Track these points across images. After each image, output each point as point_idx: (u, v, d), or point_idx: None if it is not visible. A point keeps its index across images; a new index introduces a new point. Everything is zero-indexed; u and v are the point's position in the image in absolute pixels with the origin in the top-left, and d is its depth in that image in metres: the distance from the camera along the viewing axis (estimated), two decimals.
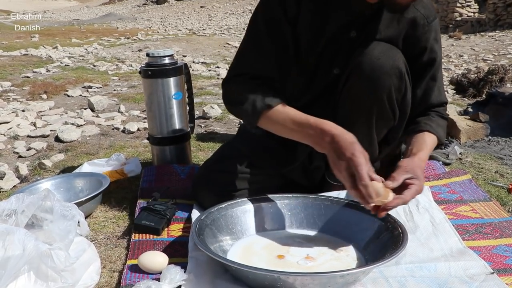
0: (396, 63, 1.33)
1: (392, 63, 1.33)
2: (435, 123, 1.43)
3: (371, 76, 1.33)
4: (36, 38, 11.01)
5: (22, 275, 0.96)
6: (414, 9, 1.37)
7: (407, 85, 1.38)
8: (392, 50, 1.35)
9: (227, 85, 1.43)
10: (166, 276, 1.08)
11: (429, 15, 1.40)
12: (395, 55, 1.34)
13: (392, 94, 1.36)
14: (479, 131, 2.56)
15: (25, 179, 2.03)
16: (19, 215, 1.15)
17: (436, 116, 1.45)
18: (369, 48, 1.35)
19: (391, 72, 1.33)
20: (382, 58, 1.33)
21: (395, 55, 1.34)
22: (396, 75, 1.34)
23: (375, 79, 1.33)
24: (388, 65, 1.32)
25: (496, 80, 3.68)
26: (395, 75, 1.34)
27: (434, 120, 1.43)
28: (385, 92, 1.35)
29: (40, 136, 2.71)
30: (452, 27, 11.86)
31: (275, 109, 1.32)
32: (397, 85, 1.35)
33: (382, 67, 1.32)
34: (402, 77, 1.35)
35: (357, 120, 1.40)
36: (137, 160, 2.05)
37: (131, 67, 6.18)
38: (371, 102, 1.36)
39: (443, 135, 1.44)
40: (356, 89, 1.37)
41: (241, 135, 1.67)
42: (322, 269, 1.17)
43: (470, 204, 1.55)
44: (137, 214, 1.49)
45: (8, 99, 3.89)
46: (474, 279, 1.12)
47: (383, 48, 1.35)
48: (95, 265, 1.17)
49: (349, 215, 1.36)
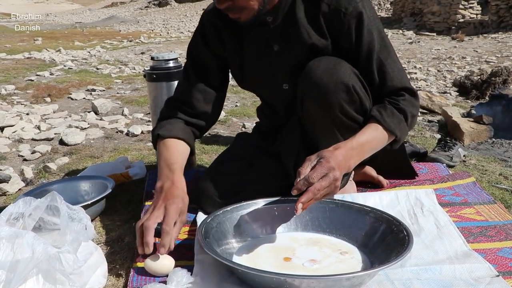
0: (340, 78, 1.31)
1: (335, 79, 1.31)
2: (388, 113, 1.34)
3: (319, 98, 1.34)
4: (39, 41, 11.04)
5: (30, 278, 0.97)
6: (324, 4, 1.35)
7: (360, 95, 1.34)
8: (335, 66, 1.33)
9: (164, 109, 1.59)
10: (173, 279, 1.09)
11: (341, 5, 1.33)
12: (338, 70, 1.32)
13: (345, 108, 1.34)
14: (483, 133, 2.56)
15: (30, 182, 2.04)
16: (26, 218, 1.16)
17: (390, 105, 1.36)
18: (312, 68, 1.34)
19: (337, 90, 1.31)
20: (325, 77, 1.32)
21: (338, 70, 1.32)
22: (343, 91, 1.32)
23: (323, 100, 1.33)
24: (332, 83, 1.31)
25: (499, 82, 3.68)
26: (342, 90, 1.31)
27: (388, 109, 1.35)
28: (337, 109, 1.34)
29: (44, 139, 2.73)
30: (455, 28, 11.85)
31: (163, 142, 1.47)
32: (348, 99, 1.33)
33: (327, 87, 1.31)
34: (349, 91, 1.32)
35: (323, 137, 1.41)
36: (142, 163, 2.06)
37: (134, 70, 6.20)
38: (328, 121, 1.36)
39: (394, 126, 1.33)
40: (311, 111, 1.39)
41: (238, 140, 1.75)
42: (327, 271, 1.17)
43: (475, 207, 1.56)
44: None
45: (12, 103, 3.90)
46: (480, 282, 1.12)
47: (325, 65, 1.33)
48: (102, 268, 1.17)
49: (354, 217, 1.36)
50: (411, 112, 1.37)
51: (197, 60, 1.55)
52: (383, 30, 1.40)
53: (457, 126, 2.58)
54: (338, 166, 1.16)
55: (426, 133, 2.74)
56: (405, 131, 1.38)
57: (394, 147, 1.40)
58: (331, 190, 1.16)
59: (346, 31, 1.36)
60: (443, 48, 8.61)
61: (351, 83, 1.32)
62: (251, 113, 3.22)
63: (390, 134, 1.34)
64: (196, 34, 1.55)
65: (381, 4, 19.56)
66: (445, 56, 7.29)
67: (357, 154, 1.27)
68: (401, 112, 1.35)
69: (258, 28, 1.42)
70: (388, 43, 1.39)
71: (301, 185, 1.13)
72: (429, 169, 1.92)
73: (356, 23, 1.34)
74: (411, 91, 1.39)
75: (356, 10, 1.33)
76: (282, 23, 1.39)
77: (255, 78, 1.54)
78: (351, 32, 1.35)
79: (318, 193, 1.13)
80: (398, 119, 1.34)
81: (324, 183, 1.13)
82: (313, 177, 1.13)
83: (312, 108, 1.38)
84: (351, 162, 1.24)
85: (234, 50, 1.50)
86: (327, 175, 1.14)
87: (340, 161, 1.18)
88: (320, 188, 1.13)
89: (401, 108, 1.35)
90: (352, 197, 1.55)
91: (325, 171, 1.14)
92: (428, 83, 4.91)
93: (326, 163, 1.15)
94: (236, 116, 3.31)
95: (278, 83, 1.50)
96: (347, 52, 1.37)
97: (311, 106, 1.38)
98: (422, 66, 6.31)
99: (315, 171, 1.14)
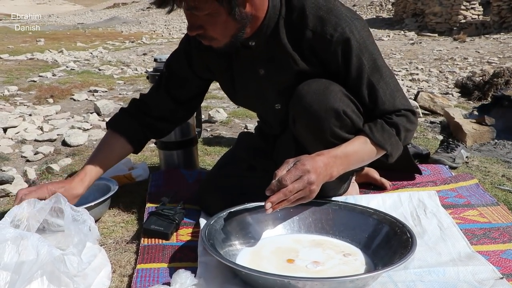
0: (329, 104, 1.27)
1: (325, 106, 1.28)
2: (378, 127, 1.31)
3: (309, 124, 1.32)
4: (41, 42, 11.07)
5: (35, 280, 0.97)
6: (309, 31, 1.29)
7: (351, 117, 1.30)
8: (324, 91, 1.29)
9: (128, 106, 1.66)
10: (177, 280, 1.09)
11: (326, 32, 1.27)
12: (327, 96, 1.28)
13: (336, 133, 1.31)
14: (485, 135, 2.56)
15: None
16: (30, 220, 1.16)
17: (381, 121, 1.32)
18: (301, 93, 1.31)
19: (327, 116, 1.28)
20: (314, 104, 1.28)
21: (327, 96, 1.28)
22: (333, 117, 1.28)
23: (314, 126, 1.31)
24: (322, 110, 1.28)
25: (502, 83, 3.67)
26: (333, 117, 1.28)
27: (378, 123, 1.32)
28: (328, 134, 1.31)
29: (47, 140, 2.73)
30: (457, 29, 11.84)
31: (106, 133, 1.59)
32: (338, 124, 1.30)
33: (317, 113, 1.29)
34: (340, 116, 1.28)
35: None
36: (144, 165, 2.06)
37: (136, 71, 6.21)
38: (319, 144, 1.33)
39: (383, 140, 1.30)
40: (303, 134, 1.37)
41: (240, 142, 1.75)
42: (330, 273, 1.17)
43: (478, 209, 1.56)
44: (145, 218, 1.51)
45: (15, 103, 3.91)
46: (483, 284, 1.12)
47: (314, 90, 1.30)
48: (106, 270, 1.18)
49: (357, 219, 1.36)
50: (405, 126, 1.32)
51: (175, 75, 1.57)
52: (376, 51, 1.33)
53: (460, 127, 2.57)
54: (315, 170, 1.16)
55: (428, 134, 2.74)
56: (397, 145, 1.33)
57: (389, 160, 1.37)
58: (306, 194, 1.16)
59: (333, 58, 1.30)
60: (445, 49, 8.61)
61: (341, 108, 1.28)
62: (253, 114, 3.22)
63: (379, 148, 1.31)
64: (181, 52, 1.54)
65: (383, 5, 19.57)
66: (447, 57, 7.29)
67: (341, 164, 1.25)
68: (392, 126, 1.31)
69: (243, 51, 1.39)
70: (380, 65, 1.33)
71: (274, 186, 1.13)
72: (431, 171, 1.92)
73: (342, 50, 1.29)
74: (408, 110, 1.34)
75: (342, 36, 1.27)
76: (267, 47, 1.35)
77: (247, 97, 1.53)
78: (338, 59, 1.30)
79: (290, 194, 1.13)
80: (389, 134, 1.31)
81: (297, 186, 1.13)
82: (286, 179, 1.13)
83: (304, 132, 1.36)
84: (333, 170, 1.22)
85: (223, 70, 1.48)
86: (301, 177, 1.14)
87: (318, 167, 1.17)
88: (292, 190, 1.13)
89: (393, 122, 1.31)
90: (354, 199, 1.55)
91: (300, 173, 1.14)
92: (430, 84, 4.90)
93: (301, 166, 1.15)
94: (238, 117, 3.31)
95: (269, 103, 1.48)
96: (337, 76, 1.33)
97: (302, 130, 1.36)
98: (424, 67, 6.30)
99: (289, 173, 1.14)
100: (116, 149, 1.54)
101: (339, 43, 1.28)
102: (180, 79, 1.56)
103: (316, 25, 1.28)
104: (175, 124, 1.68)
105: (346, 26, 1.27)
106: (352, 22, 1.28)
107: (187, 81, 1.56)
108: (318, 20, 1.28)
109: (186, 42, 1.53)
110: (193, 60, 1.52)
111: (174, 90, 1.57)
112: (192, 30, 1.23)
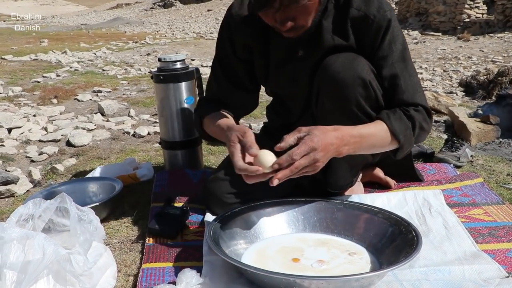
0: (358, 73, 1.31)
1: (353, 74, 1.31)
2: (396, 116, 1.33)
3: (335, 91, 1.33)
4: (45, 43, 11.09)
5: (41, 279, 0.97)
6: (353, 10, 1.34)
7: (376, 91, 1.34)
8: (353, 61, 1.33)
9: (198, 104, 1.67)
10: (182, 280, 1.09)
11: (370, 12, 1.34)
12: (356, 65, 1.32)
13: (361, 104, 1.33)
14: (490, 133, 2.55)
15: (38, 184, 2.05)
16: (36, 219, 1.16)
17: (399, 111, 1.34)
18: (329, 63, 1.34)
19: (354, 84, 1.31)
20: (342, 71, 1.31)
21: (356, 65, 1.32)
22: (360, 86, 1.31)
23: (340, 94, 1.33)
24: (350, 77, 1.31)
25: (506, 82, 3.66)
26: (359, 85, 1.31)
27: (397, 113, 1.34)
28: (353, 104, 1.33)
29: (51, 140, 2.74)
30: (461, 28, 11.80)
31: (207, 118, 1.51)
32: (364, 94, 1.32)
33: (344, 80, 1.31)
34: (367, 86, 1.32)
35: None
36: (149, 165, 2.07)
37: (140, 71, 6.21)
38: (343, 116, 1.35)
39: (399, 130, 1.31)
40: (327, 105, 1.38)
41: None
42: (335, 272, 1.17)
43: (483, 207, 1.55)
44: (150, 218, 1.51)
45: (19, 104, 3.93)
46: (489, 283, 1.12)
47: (343, 60, 1.33)
48: (111, 269, 1.18)
49: (362, 218, 1.36)
50: (420, 123, 1.34)
51: (228, 67, 1.56)
52: (405, 44, 1.39)
53: (464, 126, 2.57)
54: (323, 147, 1.15)
55: (433, 133, 2.74)
56: (410, 139, 1.34)
57: (398, 156, 1.37)
58: (310, 170, 1.16)
59: (371, 37, 1.35)
60: (448, 48, 8.59)
61: (368, 79, 1.31)
62: (258, 114, 3.22)
63: (393, 137, 1.31)
64: (225, 41, 1.54)
65: None
66: (451, 56, 7.27)
67: (354, 143, 1.24)
68: (409, 119, 1.33)
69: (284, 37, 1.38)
70: (407, 57, 1.38)
71: (284, 161, 1.13)
72: (436, 170, 1.92)
73: (383, 30, 1.34)
74: (425, 108, 1.37)
75: (384, 18, 1.34)
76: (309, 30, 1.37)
77: (278, 79, 1.53)
78: (376, 38, 1.35)
79: (296, 170, 1.14)
80: (405, 125, 1.32)
81: (303, 162, 1.13)
82: (296, 153, 1.13)
83: (328, 102, 1.38)
84: (344, 148, 1.22)
85: (259, 52, 1.50)
86: (309, 154, 1.14)
87: (328, 144, 1.17)
88: (299, 166, 1.13)
89: (411, 115, 1.33)
90: (359, 198, 1.55)
91: (308, 150, 1.14)
92: (434, 83, 4.89)
93: (310, 142, 1.14)
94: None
95: (300, 83, 1.49)
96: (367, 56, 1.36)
97: (326, 100, 1.38)
98: (428, 66, 6.29)
99: (298, 147, 1.14)
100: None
101: (380, 24, 1.34)
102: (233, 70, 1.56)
103: (360, 5, 1.34)
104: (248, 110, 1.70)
105: (387, 10, 1.35)
106: (391, 9, 1.36)
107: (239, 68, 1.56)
108: (362, 0, 1.35)
109: (226, 28, 1.53)
110: (236, 46, 1.52)
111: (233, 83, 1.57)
112: (285, 23, 1.24)
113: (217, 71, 1.59)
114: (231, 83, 1.57)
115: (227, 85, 1.57)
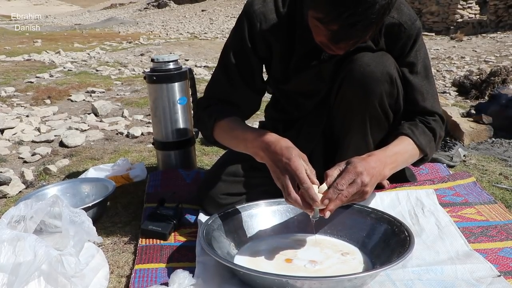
0: (386, 69, 1.35)
1: (382, 69, 1.34)
2: (420, 131, 1.39)
3: (362, 83, 1.35)
4: (39, 43, 11.04)
5: (32, 281, 0.97)
6: (389, 18, 1.35)
7: (399, 90, 1.39)
8: (382, 56, 1.37)
9: (199, 104, 1.55)
10: (175, 280, 1.09)
11: (403, 20, 1.37)
12: (385, 61, 1.36)
13: (384, 100, 1.37)
14: (483, 133, 2.56)
15: (31, 185, 2.04)
16: (27, 221, 1.15)
17: (421, 124, 1.41)
18: (359, 55, 1.36)
19: (382, 79, 1.34)
20: (372, 64, 1.34)
21: (385, 61, 1.36)
22: (387, 81, 1.35)
23: (366, 86, 1.35)
24: (379, 71, 1.34)
25: (499, 82, 3.68)
26: (386, 81, 1.35)
27: (419, 127, 1.40)
28: (377, 99, 1.37)
29: (44, 141, 2.73)
30: (453, 28, 11.86)
31: (224, 121, 1.40)
32: (389, 91, 1.37)
33: (373, 73, 1.34)
34: (393, 83, 1.36)
35: (351, 127, 1.43)
36: (142, 165, 2.06)
37: (134, 72, 6.20)
38: (363, 109, 1.38)
39: (425, 144, 1.37)
40: (348, 96, 1.40)
41: None
42: (328, 272, 1.17)
43: (475, 207, 1.56)
44: (143, 219, 1.51)
45: (12, 105, 3.91)
46: (481, 282, 1.12)
47: (373, 55, 1.36)
48: (103, 271, 1.18)
49: (355, 218, 1.36)
50: (440, 133, 1.42)
51: (245, 66, 1.48)
52: (427, 55, 1.45)
53: (457, 126, 2.58)
54: (368, 171, 1.16)
55: None
56: (433, 149, 1.43)
57: (417, 165, 1.44)
58: (359, 196, 1.16)
59: (401, 44, 1.39)
60: (442, 48, 8.61)
61: (394, 76, 1.36)
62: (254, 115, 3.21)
63: (420, 151, 1.38)
64: (244, 39, 1.44)
65: None
66: (444, 56, 7.29)
67: (392, 163, 1.27)
68: (431, 131, 1.40)
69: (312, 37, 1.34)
70: (429, 68, 1.44)
71: (331, 194, 1.12)
72: (429, 169, 1.92)
73: (413, 38, 1.39)
74: (441, 116, 1.44)
75: (415, 27, 1.38)
76: None
77: (298, 78, 1.49)
78: (406, 45, 1.39)
79: (346, 199, 1.14)
80: (429, 138, 1.39)
81: (351, 190, 1.13)
82: (342, 183, 1.13)
83: (350, 93, 1.39)
84: (386, 170, 1.24)
85: (281, 52, 1.46)
86: (355, 181, 1.14)
87: (371, 167, 1.17)
88: (348, 195, 1.13)
89: (432, 127, 1.41)
90: None
91: (353, 176, 1.14)
92: None
93: (353, 169, 1.15)
94: None
95: (320, 85, 1.49)
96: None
97: (349, 91, 1.39)
98: None
99: (342, 178, 1.14)
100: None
101: (411, 32, 1.38)
102: (250, 69, 1.49)
103: (393, 13, 1.36)
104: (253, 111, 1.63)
105: (417, 20, 1.40)
106: (418, 19, 1.40)
107: (256, 68, 1.50)
108: (395, 9, 1.36)
109: (248, 25, 1.44)
110: (257, 45, 1.45)
111: (247, 81, 1.50)
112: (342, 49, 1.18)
113: (231, 69, 1.48)
114: (244, 82, 1.48)
115: (240, 84, 1.48)
